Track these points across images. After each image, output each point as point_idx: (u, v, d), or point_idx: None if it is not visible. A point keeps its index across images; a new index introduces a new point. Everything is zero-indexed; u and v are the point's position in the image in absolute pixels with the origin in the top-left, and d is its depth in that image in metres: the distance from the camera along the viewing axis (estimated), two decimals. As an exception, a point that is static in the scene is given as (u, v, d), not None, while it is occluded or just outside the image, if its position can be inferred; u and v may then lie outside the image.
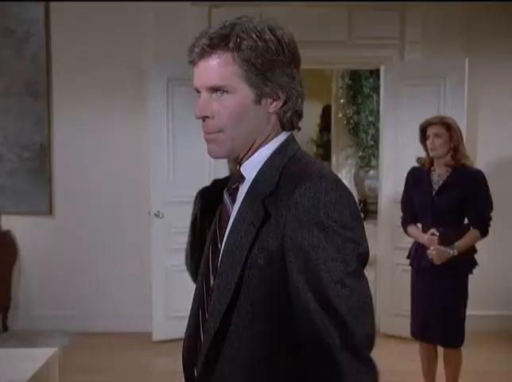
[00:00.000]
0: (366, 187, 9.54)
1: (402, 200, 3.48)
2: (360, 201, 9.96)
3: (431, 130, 3.23)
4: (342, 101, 9.85)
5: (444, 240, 3.20)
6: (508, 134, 4.74)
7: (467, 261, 3.25)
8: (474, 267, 3.30)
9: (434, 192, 3.24)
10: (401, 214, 3.56)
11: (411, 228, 3.40)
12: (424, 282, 3.34)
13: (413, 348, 3.59)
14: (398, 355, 4.23)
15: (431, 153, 3.26)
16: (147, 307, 4.57)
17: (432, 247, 3.22)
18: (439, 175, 3.27)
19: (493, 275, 4.62)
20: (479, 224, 3.21)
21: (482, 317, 4.64)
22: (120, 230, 4.80)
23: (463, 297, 3.28)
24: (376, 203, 5.31)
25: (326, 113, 10.36)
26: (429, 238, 3.23)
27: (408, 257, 3.51)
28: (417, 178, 3.35)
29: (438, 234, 3.19)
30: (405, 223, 3.44)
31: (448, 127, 3.18)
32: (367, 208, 9.63)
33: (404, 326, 4.11)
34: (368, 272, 3.23)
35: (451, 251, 3.16)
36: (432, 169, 3.30)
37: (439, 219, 3.23)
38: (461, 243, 3.18)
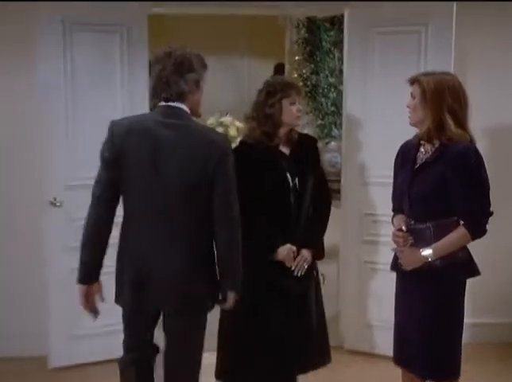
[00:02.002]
0: (326, 162, 9.27)
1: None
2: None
3: None
4: (297, 58, 9.89)
5: (420, 238, 2.93)
6: (504, 93, 4.54)
7: (458, 266, 2.94)
8: (471, 276, 3.00)
9: (412, 173, 3.00)
10: (365, 197, 3.86)
11: (395, 220, 3.16)
12: (402, 290, 3.12)
13: (386, 368, 3.45)
14: (367, 377, 4.15)
15: None
16: (42, 324, 4.23)
17: (396, 248, 3.02)
18: (425, 152, 3.00)
19: (492, 275, 4.21)
20: (466, 219, 2.89)
21: (480, 326, 4.48)
22: (6, 223, 4.41)
23: (453, 314, 2.99)
24: (338, 181, 5.01)
25: (278, 73, 9.95)
26: (396, 234, 3.00)
27: None
28: (406, 155, 3.12)
29: (405, 230, 2.97)
30: (393, 212, 3.22)
31: (420, 85, 2.95)
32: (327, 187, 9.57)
33: (374, 340, 4.31)
34: (330, 266, 3.92)
35: (426, 254, 2.88)
36: (422, 143, 3.01)
37: (415, 209, 2.97)
38: (439, 245, 2.88)
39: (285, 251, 3.21)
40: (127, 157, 2.58)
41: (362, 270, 4.40)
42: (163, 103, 2.64)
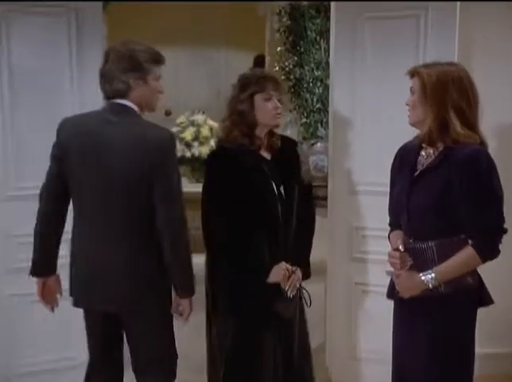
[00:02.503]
0: (312, 165, 9.46)
1: None
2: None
3: None
4: (279, 49, 10.03)
5: (421, 260, 2.77)
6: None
7: (466, 294, 2.76)
8: (482, 304, 2.83)
9: (411, 182, 2.85)
10: (356, 208, 3.87)
11: (392, 236, 3.01)
12: (401, 321, 2.96)
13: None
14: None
15: None
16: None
17: (392, 271, 2.86)
18: (426, 156, 2.84)
19: (499, 298, 3.78)
20: (475, 238, 2.70)
21: (486, 357, 4.15)
22: None
23: (461, 349, 2.79)
24: (325, 187, 4.85)
25: (258, 65, 10.20)
26: (392, 254, 2.84)
27: None
28: (404, 159, 2.97)
29: (403, 249, 2.81)
30: (390, 227, 3.08)
31: (419, 78, 2.83)
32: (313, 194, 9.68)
33: (366, 374, 4.18)
34: (316, 286, 3.83)
35: (426, 279, 2.72)
36: (424, 145, 2.85)
37: (414, 224, 2.81)
38: (442, 268, 2.70)
39: (281, 270, 3.07)
40: (72, 156, 2.74)
41: (353, 293, 4.19)
42: (109, 100, 2.77)
